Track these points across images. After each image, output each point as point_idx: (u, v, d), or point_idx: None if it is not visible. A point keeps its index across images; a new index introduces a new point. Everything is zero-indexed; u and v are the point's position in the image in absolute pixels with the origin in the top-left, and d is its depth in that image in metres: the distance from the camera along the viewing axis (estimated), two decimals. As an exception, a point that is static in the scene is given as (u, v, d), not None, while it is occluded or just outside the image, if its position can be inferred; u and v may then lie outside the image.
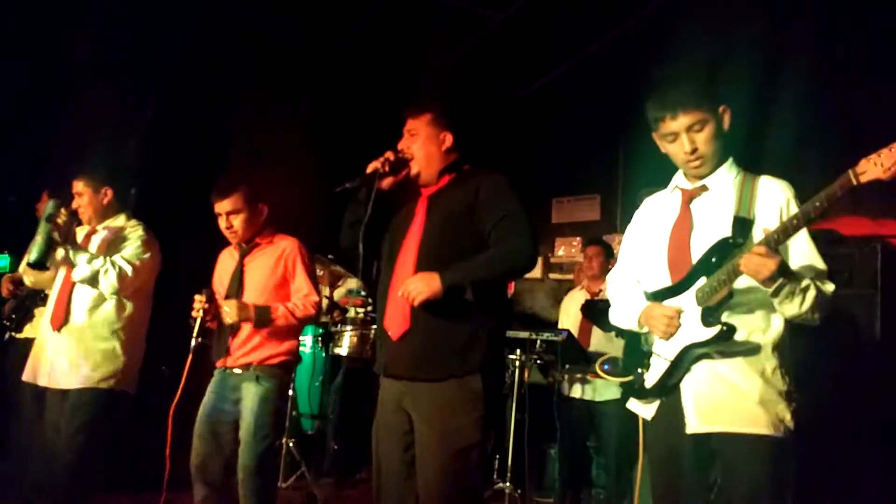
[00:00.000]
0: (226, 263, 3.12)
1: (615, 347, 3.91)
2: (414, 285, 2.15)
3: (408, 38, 5.13)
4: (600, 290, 4.34)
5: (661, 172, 2.28)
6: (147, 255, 3.04)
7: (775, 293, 1.83)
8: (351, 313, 5.09)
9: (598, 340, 4.12)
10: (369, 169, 2.33)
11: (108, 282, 2.88)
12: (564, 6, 4.60)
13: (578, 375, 4.15)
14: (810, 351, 3.22)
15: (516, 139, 6.37)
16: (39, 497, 2.83)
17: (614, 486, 4.01)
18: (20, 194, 3.18)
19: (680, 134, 2.04)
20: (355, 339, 4.72)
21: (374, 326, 4.54)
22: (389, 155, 2.36)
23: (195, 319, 2.85)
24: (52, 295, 3.09)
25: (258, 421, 2.83)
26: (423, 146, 2.40)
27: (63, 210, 2.96)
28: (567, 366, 4.17)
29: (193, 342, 2.85)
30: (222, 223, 2.98)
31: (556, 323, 4.63)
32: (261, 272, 2.99)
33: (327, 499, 4.39)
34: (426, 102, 2.46)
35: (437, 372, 2.19)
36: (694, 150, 2.03)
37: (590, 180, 6.36)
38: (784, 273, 1.81)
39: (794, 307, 1.86)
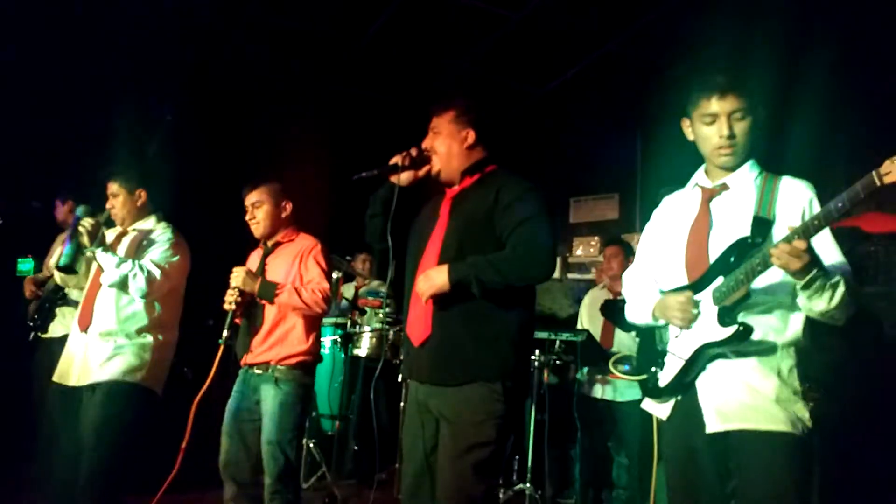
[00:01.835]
0: (253, 263, 3.18)
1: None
2: (421, 284, 2.17)
3: (424, 39, 5.14)
4: (619, 291, 4.32)
5: (680, 170, 2.26)
6: (176, 258, 3.04)
7: (806, 286, 1.78)
8: (369, 314, 5.10)
9: (622, 340, 4.09)
10: (391, 162, 2.34)
11: (137, 285, 2.88)
12: (580, 5, 4.59)
13: (599, 376, 4.13)
14: (834, 350, 3.20)
15: (533, 139, 6.36)
16: (67, 500, 2.84)
17: (636, 486, 3.98)
18: (44, 199, 3.21)
19: (720, 116, 2.00)
20: (374, 340, 4.73)
21: (391, 328, 4.56)
22: (412, 150, 2.36)
23: (227, 312, 2.92)
24: (82, 296, 3.11)
25: (279, 427, 2.84)
26: (444, 143, 2.37)
27: (92, 214, 2.98)
28: (587, 366, 4.15)
29: (225, 333, 2.92)
30: (248, 215, 3.07)
31: (575, 323, 4.61)
32: (280, 268, 3.04)
33: (348, 499, 4.41)
34: (450, 99, 2.43)
35: (457, 377, 2.18)
36: (731, 137, 2.00)
37: (608, 179, 6.33)
38: (816, 265, 1.77)
39: (823, 302, 1.82)
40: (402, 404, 4.63)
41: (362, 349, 4.76)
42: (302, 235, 3.14)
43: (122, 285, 2.88)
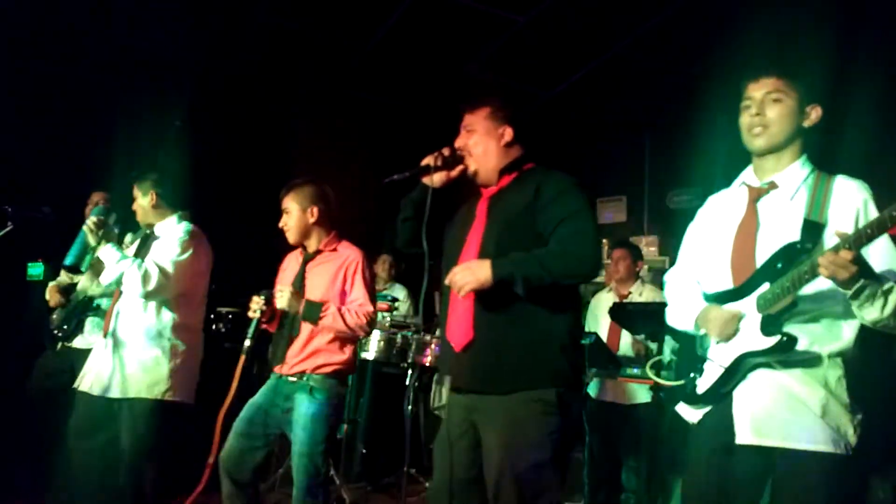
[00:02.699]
0: (290, 267, 3.10)
1: (645, 351, 3.90)
2: (461, 274, 2.00)
3: (431, 42, 5.15)
4: (629, 293, 4.30)
5: (688, 173, 2.24)
6: (184, 257, 2.94)
7: (855, 295, 1.69)
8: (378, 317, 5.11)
9: (628, 344, 4.08)
10: (423, 163, 2.22)
11: (132, 283, 2.80)
12: (588, 7, 4.58)
13: (607, 379, 4.12)
14: (884, 363, 3.11)
15: (540, 142, 6.34)
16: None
17: (645, 490, 3.97)
18: (54, 204, 3.22)
19: (755, 99, 1.95)
20: (382, 343, 4.73)
21: (398, 331, 4.56)
22: (445, 150, 2.24)
23: (251, 321, 2.86)
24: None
25: (312, 439, 2.76)
26: (480, 142, 2.25)
27: (106, 214, 2.98)
28: (594, 369, 4.14)
29: (247, 342, 2.84)
30: (282, 221, 3.01)
31: (583, 325, 4.60)
32: (322, 280, 2.95)
33: (356, 502, 4.41)
34: (484, 96, 2.32)
35: (504, 386, 2.02)
36: (760, 115, 1.93)
37: (615, 182, 6.32)
38: (866, 274, 1.67)
39: (875, 311, 1.71)
40: (409, 408, 4.63)
41: (370, 352, 4.75)
42: (344, 244, 3.03)
43: (119, 283, 2.84)
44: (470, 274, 1.99)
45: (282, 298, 2.85)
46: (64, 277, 4.00)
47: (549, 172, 2.24)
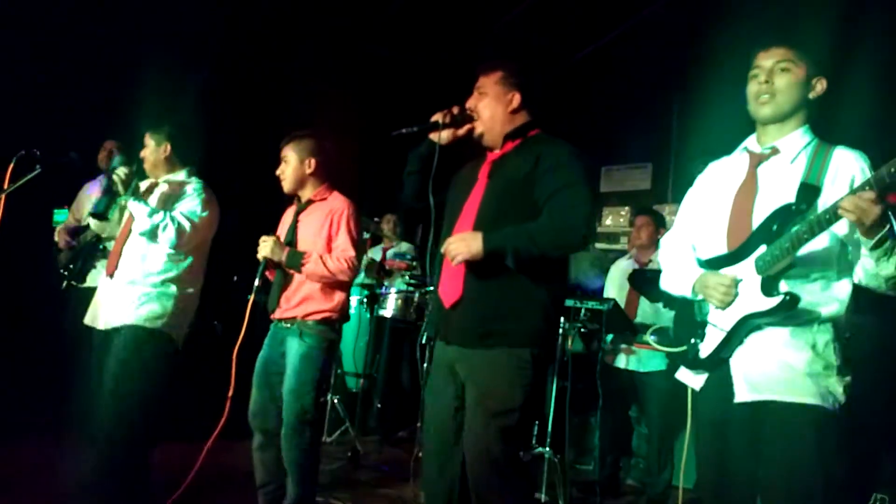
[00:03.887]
0: (287, 218, 3.20)
1: (662, 318, 3.89)
2: (455, 245, 2.11)
3: (460, 2, 5.06)
4: (649, 261, 4.28)
5: (717, 140, 2.21)
6: (206, 213, 3.05)
7: (877, 245, 1.70)
8: (395, 276, 5.14)
9: (645, 311, 4.07)
10: (432, 119, 2.30)
11: (167, 236, 2.91)
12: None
13: (623, 345, 4.12)
14: (867, 328, 3.13)
15: (566, 104, 6.26)
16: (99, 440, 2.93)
17: (655, 456, 4.00)
18: (81, 150, 3.24)
19: (763, 69, 1.97)
20: (400, 301, 4.77)
21: (416, 290, 4.59)
22: (454, 108, 2.31)
23: (259, 264, 2.97)
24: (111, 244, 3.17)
25: (299, 378, 2.89)
26: (489, 105, 2.31)
27: (127, 163, 3.02)
28: (611, 335, 4.14)
29: (256, 282, 2.96)
30: (279, 169, 3.10)
31: (601, 292, 4.59)
32: (311, 228, 3.05)
33: (369, 454, 4.50)
34: (498, 60, 2.36)
35: (487, 341, 2.16)
36: (767, 83, 1.95)
37: (641, 148, 6.22)
38: (888, 221, 1.67)
39: (892, 266, 1.73)
40: (424, 365, 4.68)
41: (388, 310, 4.81)
42: (335, 195, 3.13)
43: (153, 235, 2.92)
44: (464, 245, 2.09)
45: (264, 247, 2.96)
46: (71, 219, 4.09)
47: (552, 141, 2.29)
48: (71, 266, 3.81)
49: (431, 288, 4.43)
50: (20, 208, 2.96)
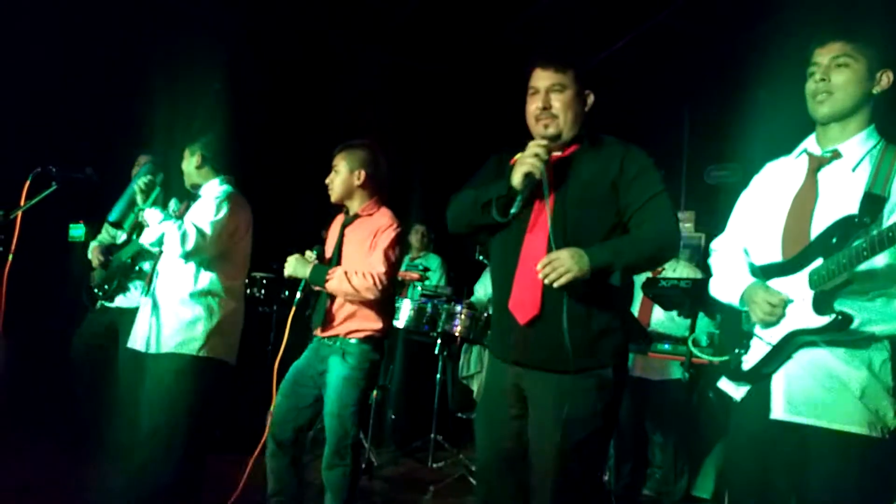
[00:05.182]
0: (334, 230, 3.13)
1: (677, 326, 3.87)
2: (562, 262, 1.90)
3: (470, 7, 5.08)
4: (663, 269, 4.26)
5: (728, 148, 2.17)
6: (220, 217, 2.93)
7: None
8: (409, 287, 5.14)
9: (659, 319, 4.05)
10: (519, 178, 2.01)
11: (172, 244, 2.84)
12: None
13: (638, 354, 4.10)
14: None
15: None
16: (126, 462, 2.91)
17: (671, 465, 3.96)
18: (96, 165, 3.27)
19: (820, 65, 1.87)
20: (413, 312, 4.76)
21: (429, 300, 4.58)
22: (538, 150, 2.02)
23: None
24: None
25: (341, 401, 2.81)
26: (571, 104, 2.11)
27: (153, 173, 3.02)
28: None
29: (298, 295, 2.92)
30: (328, 178, 3.04)
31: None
32: (356, 244, 2.98)
33: (384, 466, 4.49)
34: (562, 53, 2.16)
35: (568, 364, 1.97)
36: (823, 80, 1.85)
37: (653, 156, 6.16)
38: None
39: None
40: (437, 377, 4.68)
41: (401, 321, 4.80)
42: (382, 211, 3.02)
43: (160, 244, 2.88)
44: (574, 263, 1.90)
45: (287, 266, 2.92)
46: (105, 236, 4.09)
47: (626, 145, 2.16)
48: (106, 286, 3.77)
49: (444, 300, 4.45)
50: (36, 223, 2.97)
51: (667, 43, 5.20)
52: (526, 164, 2.00)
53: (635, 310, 4.15)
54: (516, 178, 2.01)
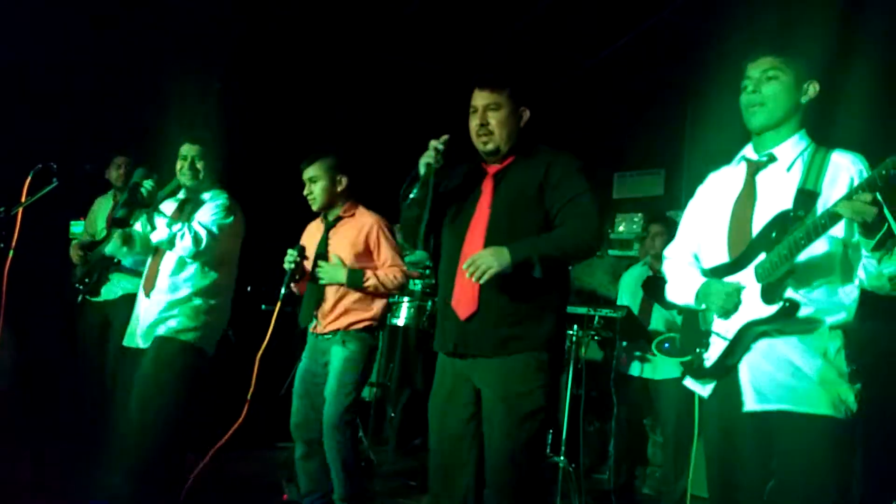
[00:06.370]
0: (311, 235, 3.26)
1: (677, 325, 3.87)
2: (483, 259, 2.12)
3: (470, 7, 5.07)
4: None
5: (730, 146, 2.21)
6: (227, 221, 3.13)
7: (878, 245, 1.71)
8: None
9: (659, 318, 4.05)
10: (423, 163, 2.28)
11: (185, 245, 2.99)
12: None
13: (637, 353, 4.10)
14: (882, 337, 3.10)
15: (578, 110, 6.25)
16: (125, 456, 2.96)
17: (671, 464, 3.97)
18: (95, 162, 3.30)
19: (752, 79, 1.99)
20: (413, 310, 4.77)
21: (430, 299, 4.58)
22: (438, 144, 2.28)
23: (286, 271, 3.05)
24: (147, 262, 3.26)
25: (340, 380, 2.98)
26: (506, 121, 2.33)
27: (148, 176, 3.08)
28: (625, 342, 4.12)
29: (282, 290, 3.04)
30: (305, 190, 3.16)
31: (615, 299, 4.57)
32: (343, 245, 3.12)
33: (382, 464, 4.50)
34: (502, 74, 2.39)
35: (505, 349, 2.22)
36: (755, 93, 1.98)
37: (654, 154, 6.19)
38: (886, 221, 1.68)
39: (893, 265, 1.75)
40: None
41: (400, 319, 4.80)
42: (361, 210, 3.21)
43: (171, 244, 3.00)
44: (493, 260, 2.11)
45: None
46: (85, 236, 4.15)
47: (555, 152, 2.36)
48: (87, 280, 3.88)
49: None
50: (37, 220, 3.00)
51: (667, 42, 5.19)
52: (426, 156, 2.28)
53: (636, 309, 4.16)
54: (420, 168, 2.29)
